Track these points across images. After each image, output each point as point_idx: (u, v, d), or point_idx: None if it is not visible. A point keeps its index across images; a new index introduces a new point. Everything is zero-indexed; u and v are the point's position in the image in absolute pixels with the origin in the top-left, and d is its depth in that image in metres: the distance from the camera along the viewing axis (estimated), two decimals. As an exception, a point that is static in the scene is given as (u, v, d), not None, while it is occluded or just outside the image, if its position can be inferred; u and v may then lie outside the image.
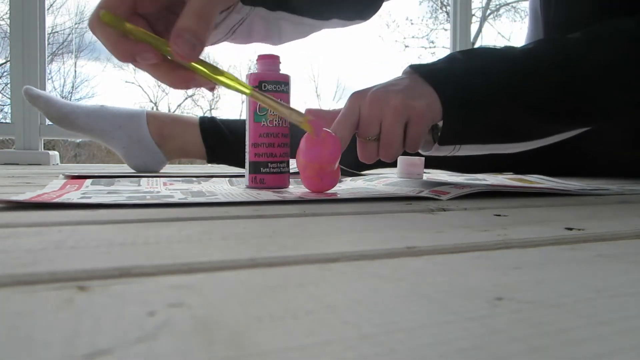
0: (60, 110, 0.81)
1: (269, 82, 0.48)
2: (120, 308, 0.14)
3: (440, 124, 0.50)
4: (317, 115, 0.46)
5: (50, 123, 1.37)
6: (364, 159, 0.50)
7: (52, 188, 0.45)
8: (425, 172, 0.72)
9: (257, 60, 0.50)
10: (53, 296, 0.15)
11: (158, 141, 0.84)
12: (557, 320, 0.14)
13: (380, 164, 0.93)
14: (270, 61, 0.50)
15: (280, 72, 0.50)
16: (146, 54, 0.37)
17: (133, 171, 0.83)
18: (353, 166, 0.76)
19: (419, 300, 0.15)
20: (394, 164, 0.69)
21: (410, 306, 0.15)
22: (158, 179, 0.58)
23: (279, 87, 0.49)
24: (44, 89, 1.32)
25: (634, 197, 0.49)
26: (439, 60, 0.53)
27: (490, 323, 0.13)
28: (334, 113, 0.50)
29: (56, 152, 1.34)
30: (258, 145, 0.49)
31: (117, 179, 0.56)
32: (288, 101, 0.50)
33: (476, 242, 0.24)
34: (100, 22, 0.37)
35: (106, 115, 0.82)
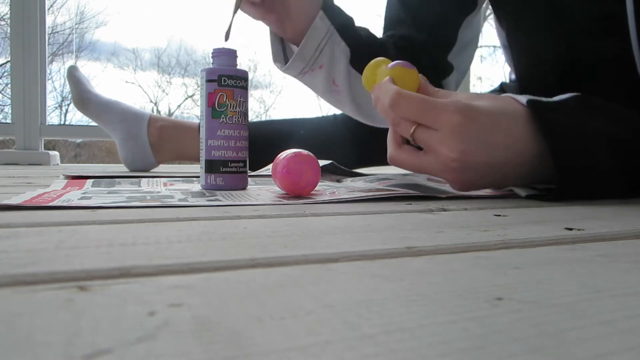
0: (81, 92, 0.90)
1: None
2: (120, 308, 0.14)
3: None
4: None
5: (50, 123, 1.38)
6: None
7: (54, 188, 0.45)
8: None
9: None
10: (53, 296, 0.15)
11: (154, 143, 0.89)
12: (557, 320, 0.14)
13: (378, 163, 0.93)
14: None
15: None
16: None
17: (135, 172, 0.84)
18: (353, 167, 0.76)
19: (419, 300, 0.15)
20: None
21: (410, 306, 0.15)
22: (158, 179, 0.58)
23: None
24: (44, 89, 1.33)
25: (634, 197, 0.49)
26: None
27: (490, 323, 0.13)
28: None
29: (56, 152, 1.34)
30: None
31: (117, 180, 0.56)
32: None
33: (476, 242, 0.24)
34: None
35: (115, 108, 0.89)
